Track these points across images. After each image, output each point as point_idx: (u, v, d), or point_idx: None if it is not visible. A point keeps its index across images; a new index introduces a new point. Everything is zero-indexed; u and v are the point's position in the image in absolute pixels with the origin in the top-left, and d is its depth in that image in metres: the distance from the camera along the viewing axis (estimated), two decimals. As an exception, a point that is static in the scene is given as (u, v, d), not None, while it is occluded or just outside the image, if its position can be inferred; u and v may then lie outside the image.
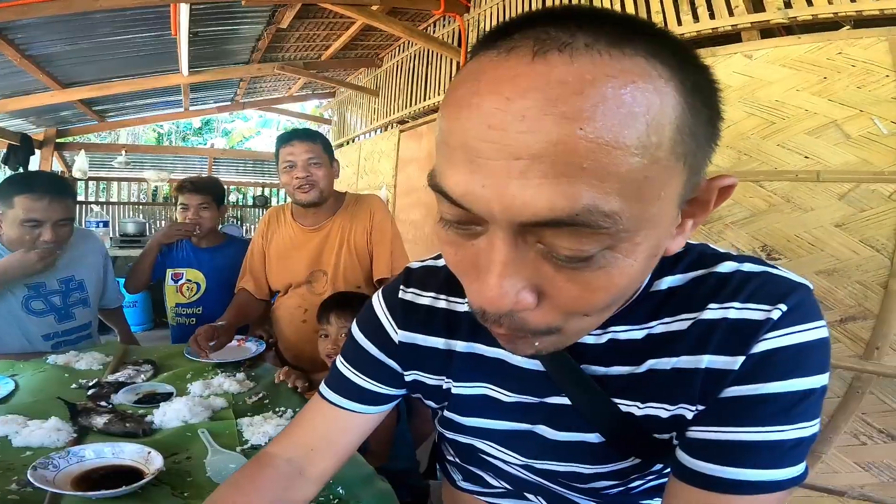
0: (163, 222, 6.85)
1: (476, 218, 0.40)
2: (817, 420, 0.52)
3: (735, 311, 0.53)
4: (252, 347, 1.84)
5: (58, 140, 6.17)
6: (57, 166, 6.36)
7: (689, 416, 0.56)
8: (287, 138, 1.87)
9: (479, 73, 0.39)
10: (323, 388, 0.77)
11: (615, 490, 0.70)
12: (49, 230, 1.70)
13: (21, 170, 5.20)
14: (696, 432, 0.55)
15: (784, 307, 0.51)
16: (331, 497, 0.99)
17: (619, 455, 0.63)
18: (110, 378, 1.50)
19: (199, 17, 3.47)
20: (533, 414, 0.65)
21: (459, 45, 3.79)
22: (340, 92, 6.83)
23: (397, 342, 0.70)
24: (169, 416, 1.26)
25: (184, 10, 3.11)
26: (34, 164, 5.74)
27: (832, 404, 1.93)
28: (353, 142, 6.28)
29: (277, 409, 1.37)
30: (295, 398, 1.48)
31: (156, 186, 6.97)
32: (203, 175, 2.38)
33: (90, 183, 6.72)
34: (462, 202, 0.39)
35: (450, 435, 0.75)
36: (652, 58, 0.37)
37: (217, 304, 2.18)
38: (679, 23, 2.41)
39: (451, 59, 3.92)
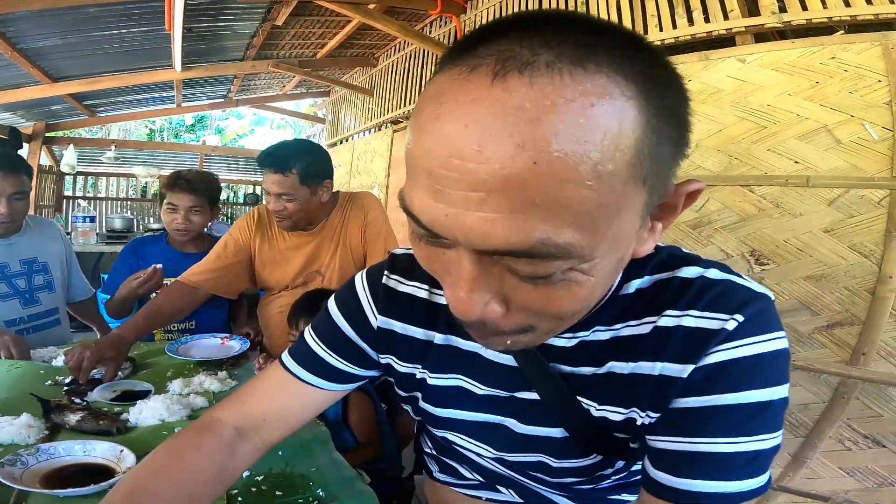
0: (151, 219, 6.79)
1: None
2: (778, 432, 0.52)
3: (692, 318, 0.53)
4: (236, 346, 1.79)
5: (47, 134, 6.11)
6: (45, 160, 6.31)
7: (640, 421, 0.57)
8: (262, 163, 1.70)
9: (441, 94, 0.38)
10: (287, 359, 0.75)
11: (584, 486, 0.71)
12: (4, 203, 1.74)
13: None
14: (655, 441, 0.56)
15: (741, 317, 0.51)
16: (310, 499, 0.97)
17: (582, 451, 0.64)
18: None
19: (194, 12, 3.44)
20: (503, 407, 0.66)
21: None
22: (335, 91, 6.81)
23: (375, 327, 0.71)
24: (146, 414, 1.23)
25: (178, 4, 3.08)
26: (24, 156, 5.68)
27: (817, 410, 1.93)
28: (346, 141, 6.26)
29: (258, 409, 1.34)
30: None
31: (145, 182, 6.92)
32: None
33: (78, 178, 6.66)
34: (429, 227, 0.41)
35: (427, 426, 0.76)
36: (615, 73, 0.36)
37: (211, 315, 2.04)
38: (674, 26, 2.41)
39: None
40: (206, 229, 2.19)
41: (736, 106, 2.08)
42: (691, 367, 0.52)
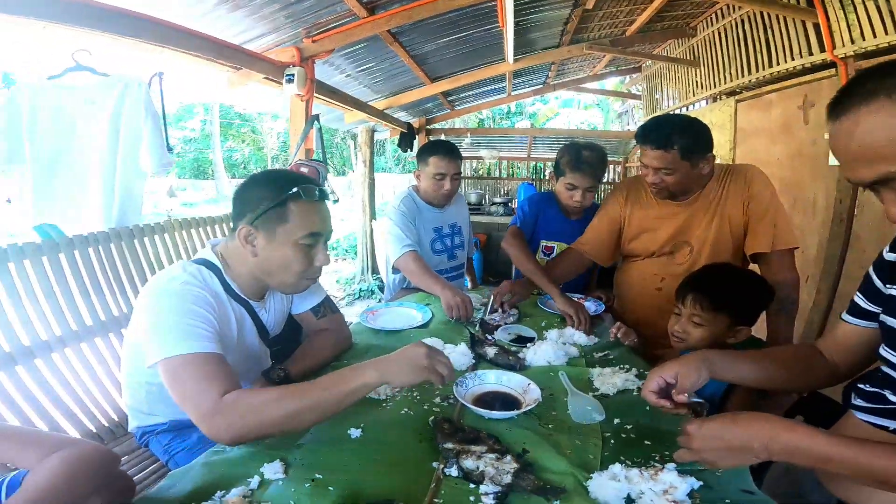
0: (497, 196, 7.52)
1: None
2: None
3: None
4: (592, 307, 1.83)
5: (427, 127, 7.26)
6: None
7: None
8: (641, 139, 1.61)
9: None
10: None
11: None
12: (449, 181, 2.13)
13: (409, 151, 6.40)
14: None
15: None
16: None
17: None
18: (487, 318, 1.70)
19: (518, 7, 3.49)
20: None
21: (810, 4, 2.98)
22: (646, 66, 6.30)
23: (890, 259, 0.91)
24: (538, 355, 1.35)
25: (508, 1, 3.19)
26: (415, 147, 6.80)
27: None
28: (668, 115, 5.72)
29: (623, 366, 1.34)
30: (635, 358, 1.44)
31: (489, 163, 7.74)
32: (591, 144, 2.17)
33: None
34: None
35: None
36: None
37: (581, 279, 2.11)
38: None
39: (801, 21, 3.13)
40: None
41: None
42: None
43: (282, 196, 1.11)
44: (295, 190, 1.12)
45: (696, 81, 4.85)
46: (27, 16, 1.61)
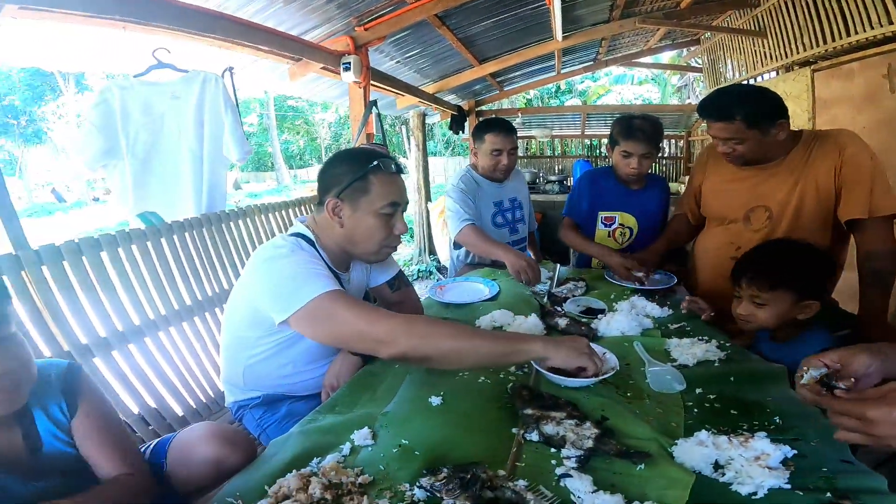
0: (550, 175, 7.40)
1: None
2: None
3: None
4: (664, 280, 1.79)
5: (477, 109, 7.19)
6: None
7: None
8: (703, 113, 1.58)
9: None
10: None
11: None
12: (506, 156, 2.16)
13: (461, 133, 6.43)
14: None
15: None
16: (766, 423, 0.91)
17: None
18: (555, 290, 1.69)
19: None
20: None
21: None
22: (706, 38, 5.93)
23: None
24: (611, 326, 1.34)
25: (554, -24, 3.08)
26: (466, 129, 6.82)
27: None
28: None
29: (702, 337, 1.30)
30: (713, 330, 1.39)
31: (541, 142, 7.61)
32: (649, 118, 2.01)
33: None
34: None
35: None
36: None
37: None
38: None
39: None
40: None
41: None
42: None
43: (364, 170, 1.20)
44: (375, 163, 1.20)
45: (764, 52, 4.49)
46: (112, 15, 1.70)
